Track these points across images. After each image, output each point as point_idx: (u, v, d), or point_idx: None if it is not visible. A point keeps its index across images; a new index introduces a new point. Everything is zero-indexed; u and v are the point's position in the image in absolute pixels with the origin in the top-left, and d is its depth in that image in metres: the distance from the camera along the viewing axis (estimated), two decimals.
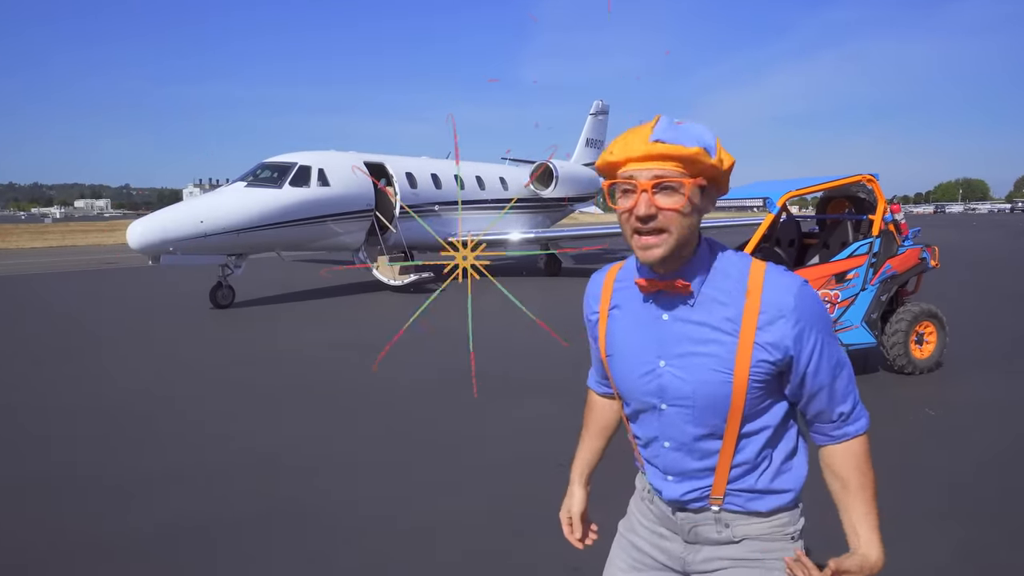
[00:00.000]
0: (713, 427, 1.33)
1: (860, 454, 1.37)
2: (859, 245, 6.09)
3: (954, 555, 3.14)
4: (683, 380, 1.32)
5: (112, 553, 3.26)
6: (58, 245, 32.44)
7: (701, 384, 1.30)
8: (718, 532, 1.40)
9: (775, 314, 1.26)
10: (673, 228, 1.24)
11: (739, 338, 1.27)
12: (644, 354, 1.36)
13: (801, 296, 1.28)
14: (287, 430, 5.11)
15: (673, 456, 1.39)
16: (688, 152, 1.21)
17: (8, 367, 7.39)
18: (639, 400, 1.40)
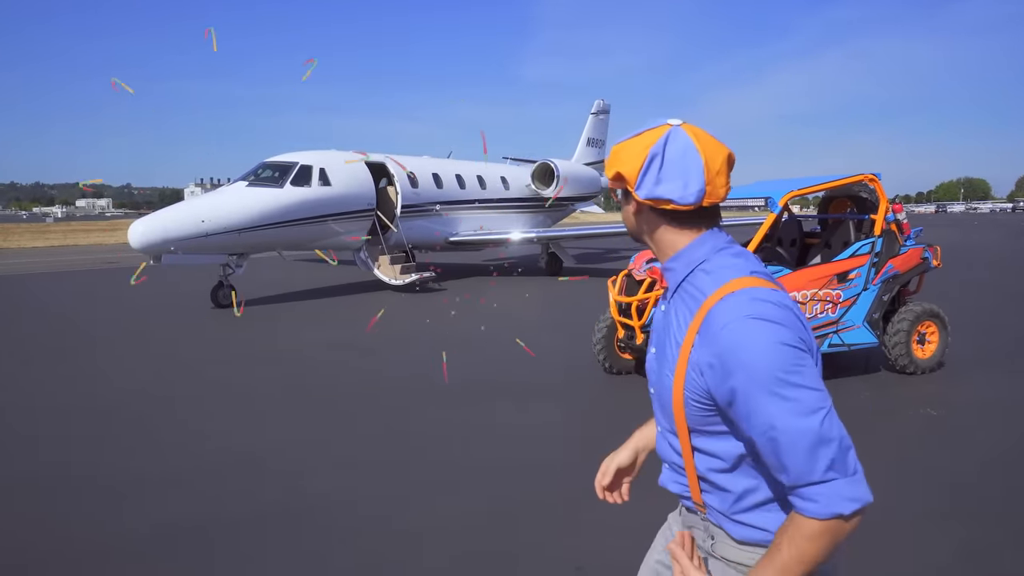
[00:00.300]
0: (671, 425, 1.33)
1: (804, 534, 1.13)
2: (861, 245, 6.08)
3: (956, 555, 3.14)
4: (653, 368, 1.39)
5: (109, 554, 3.26)
6: (60, 244, 32.47)
7: (660, 376, 1.35)
8: (703, 540, 1.37)
9: (705, 342, 1.20)
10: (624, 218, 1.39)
11: (679, 351, 1.25)
12: (652, 338, 1.45)
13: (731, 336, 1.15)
14: (286, 430, 5.10)
15: (661, 442, 1.44)
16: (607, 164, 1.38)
17: (4, 367, 7.39)
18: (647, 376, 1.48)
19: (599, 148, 24.54)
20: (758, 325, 1.15)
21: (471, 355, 7.69)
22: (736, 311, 1.17)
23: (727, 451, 1.26)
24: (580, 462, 4.42)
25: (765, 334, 1.14)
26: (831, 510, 1.11)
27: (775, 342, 1.14)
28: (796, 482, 1.13)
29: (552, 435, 4.92)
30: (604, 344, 6.39)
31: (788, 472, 1.13)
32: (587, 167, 22.03)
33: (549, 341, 8.26)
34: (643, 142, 1.28)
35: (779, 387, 1.12)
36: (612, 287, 6.17)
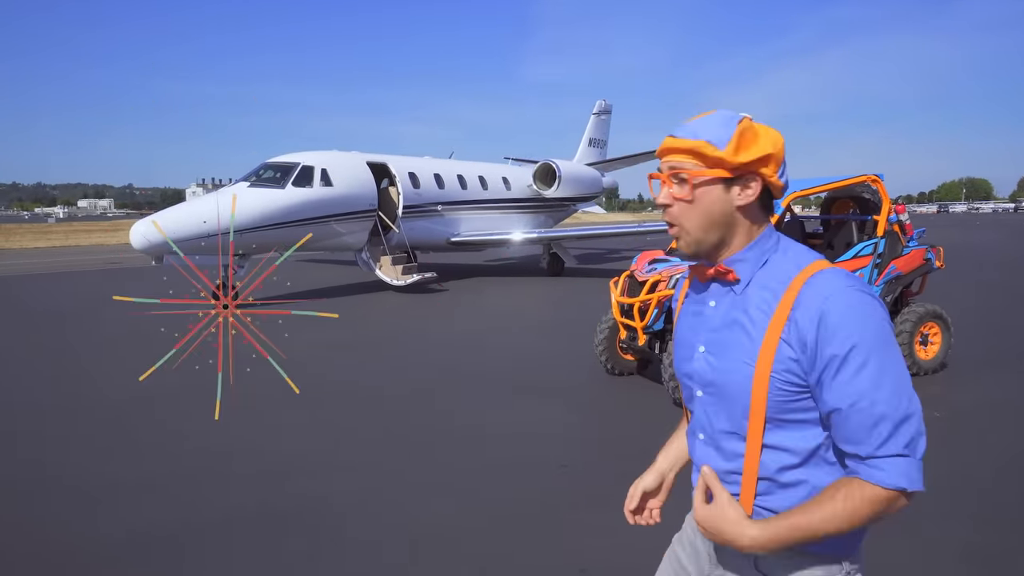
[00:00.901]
0: (736, 423, 1.28)
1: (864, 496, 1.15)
2: (864, 246, 6.07)
3: (960, 558, 3.13)
4: (712, 365, 1.31)
5: (103, 555, 3.25)
6: (61, 245, 32.50)
7: (725, 372, 1.28)
8: (743, 557, 1.29)
9: (803, 315, 1.19)
10: (683, 220, 1.30)
11: (767, 328, 1.23)
12: (691, 338, 1.38)
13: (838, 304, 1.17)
14: (284, 431, 5.10)
15: (703, 451, 1.36)
16: (690, 144, 1.27)
17: (3, 367, 7.40)
18: (683, 385, 1.43)
19: (601, 148, 24.52)
20: (863, 295, 1.19)
21: (472, 355, 7.68)
22: (836, 283, 1.20)
23: (802, 443, 1.24)
24: (582, 463, 4.43)
25: (871, 303, 1.19)
26: (897, 483, 1.14)
27: (881, 313, 1.20)
28: (873, 452, 1.15)
29: (554, 436, 4.91)
30: (606, 345, 6.38)
31: (867, 441, 1.15)
32: (588, 167, 22.01)
33: (550, 342, 8.25)
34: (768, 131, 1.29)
35: (885, 354, 1.16)
36: (614, 288, 6.16)
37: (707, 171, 1.26)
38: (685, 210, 1.29)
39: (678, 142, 1.28)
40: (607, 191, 23.87)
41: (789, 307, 1.21)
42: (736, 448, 1.29)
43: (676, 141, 1.28)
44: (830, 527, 1.16)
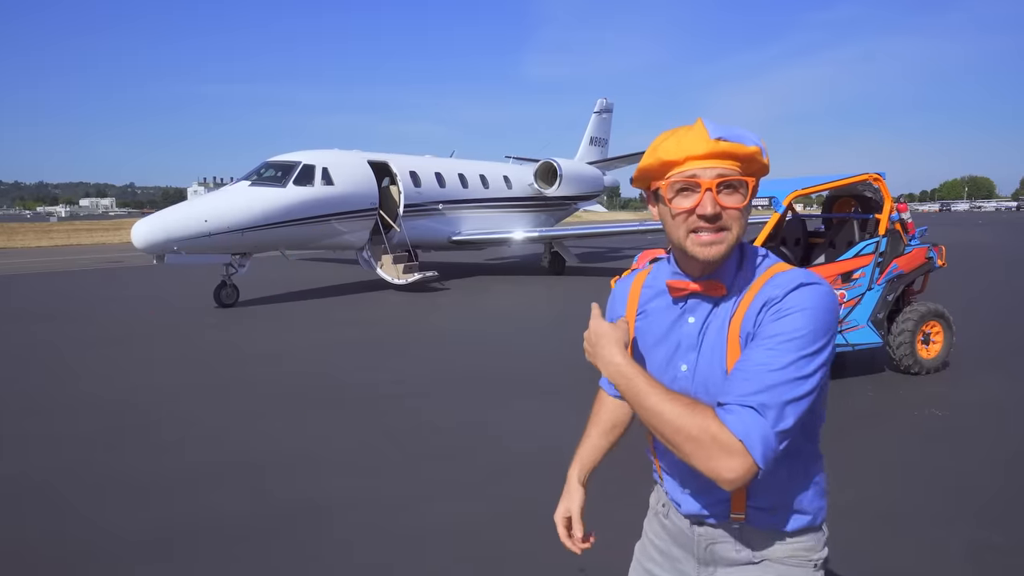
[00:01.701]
0: None
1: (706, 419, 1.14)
2: (865, 244, 6.05)
3: (962, 557, 3.11)
4: (696, 382, 1.30)
5: (101, 556, 3.25)
6: (63, 244, 32.54)
7: (710, 385, 1.27)
8: (736, 551, 1.35)
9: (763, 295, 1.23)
10: (734, 227, 1.24)
11: (728, 330, 1.26)
12: (668, 358, 1.34)
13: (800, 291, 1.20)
14: (284, 431, 5.10)
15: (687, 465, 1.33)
16: (749, 151, 1.22)
17: (3, 365, 7.41)
18: None
19: (602, 147, 24.49)
20: (823, 290, 1.21)
21: (473, 354, 7.67)
22: (802, 276, 1.23)
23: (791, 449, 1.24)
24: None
25: (828, 297, 1.21)
26: (740, 431, 1.12)
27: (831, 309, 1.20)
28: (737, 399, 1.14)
29: (554, 436, 4.90)
30: None
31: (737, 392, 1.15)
32: (590, 166, 21.99)
33: (551, 341, 8.24)
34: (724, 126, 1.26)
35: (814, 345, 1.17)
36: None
37: (752, 178, 1.25)
38: (735, 218, 1.24)
39: (736, 147, 1.21)
40: (608, 190, 23.84)
41: (749, 303, 1.24)
42: None
43: (735, 147, 1.20)
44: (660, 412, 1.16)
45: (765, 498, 1.31)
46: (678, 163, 1.23)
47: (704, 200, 1.22)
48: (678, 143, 1.23)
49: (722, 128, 1.23)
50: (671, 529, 1.46)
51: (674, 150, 1.23)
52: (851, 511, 3.48)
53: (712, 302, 1.30)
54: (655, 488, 1.56)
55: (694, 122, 1.26)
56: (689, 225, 1.24)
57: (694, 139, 1.22)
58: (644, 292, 1.43)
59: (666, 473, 1.44)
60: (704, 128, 1.22)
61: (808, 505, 1.34)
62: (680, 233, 1.26)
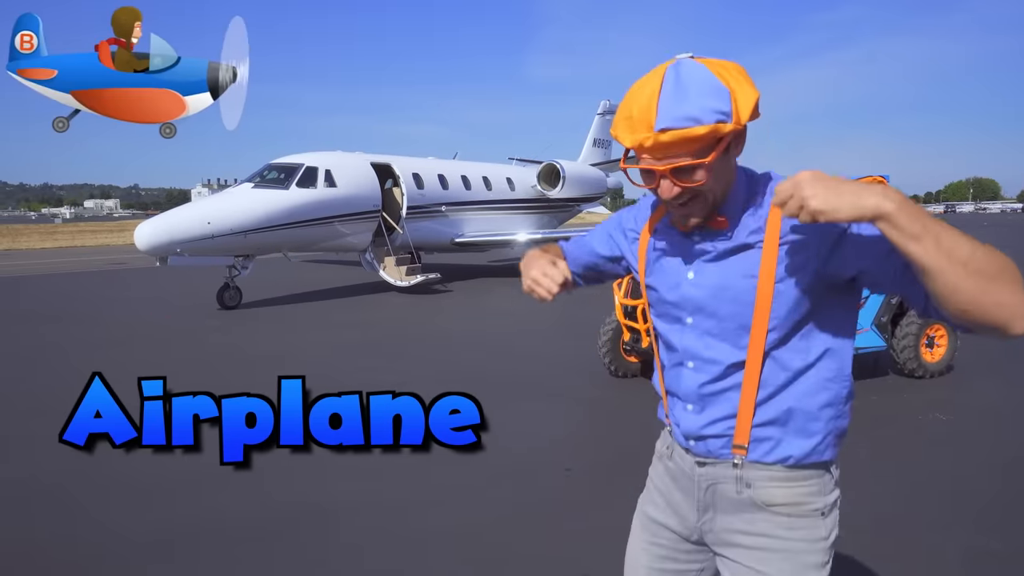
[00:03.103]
0: (735, 341, 1.29)
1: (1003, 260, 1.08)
2: None
3: (964, 563, 3.10)
4: (706, 287, 1.31)
5: (103, 558, 3.26)
6: (68, 245, 32.65)
7: (724, 289, 1.28)
8: (738, 492, 1.32)
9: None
10: (703, 192, 1.22)
11: (764, 240, 1.25)
12: (676, 267, 1.37)
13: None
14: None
15: (695, 377, 1.34)
16: (700, 132, 1.13)
17: (8, 368, 7.43)
18: (668, 313, 1.39)
19: (605, 148, 24.48)
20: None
21: (475, 356, 7.67)
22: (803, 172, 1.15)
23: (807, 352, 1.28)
24: (585, 467, 4.41)
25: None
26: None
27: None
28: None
29: (557, 439, 4.90)
30: (610, 347, 6.36)
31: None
32: (593, 168, 21.98)
33: (554, 343, 8.24)
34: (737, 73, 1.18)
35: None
36: (618, 290, 6.14)
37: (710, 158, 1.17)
38: (702, 189, 1.21)
39: (684, 134, 1.13)
40: (611, 191, 23.84)
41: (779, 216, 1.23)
42: (735, 369, 1.30)
43: (682, 133, 1.13)
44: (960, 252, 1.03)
45: (775, 414, 1.28)
46: (633, 148, 1.21)
47: (662, 185, 1.22)
48: (630, 124, 1.19)
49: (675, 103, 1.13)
50: (674, 471, 1.45)
51: (626, 135, 1.21)
52: (850, 515, 3.46)
53: (720, 233, 1.30)
54: (662, 433, 1.56)
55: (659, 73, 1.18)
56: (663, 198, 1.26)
57: (642, 124, 1.16)
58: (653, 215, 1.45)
59: (671, 394, 1.43)
60: (655, 108, 1.14)
61: (819, 428, 1.29)
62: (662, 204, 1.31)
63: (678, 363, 1.38)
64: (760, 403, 1.28)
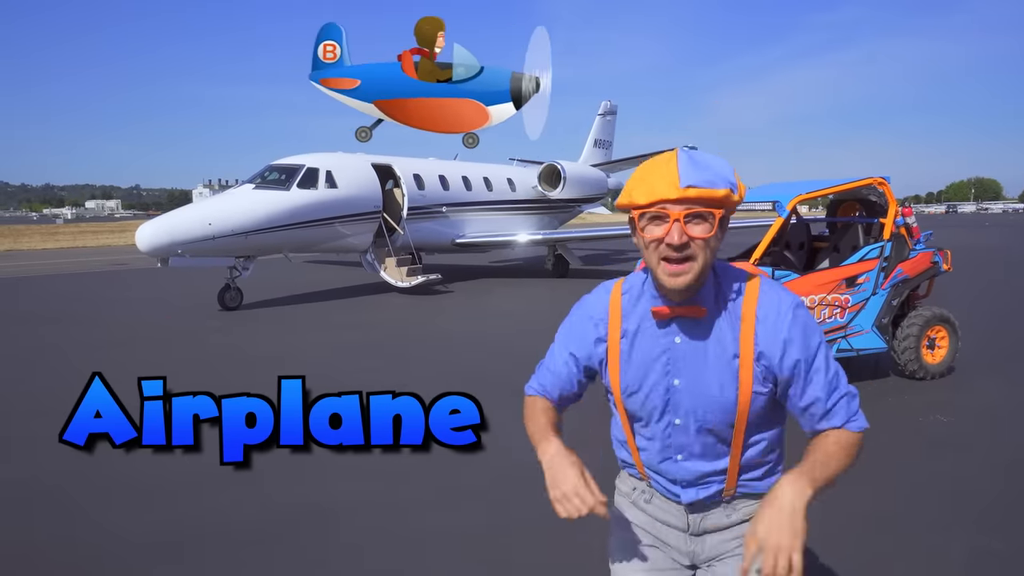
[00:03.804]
0: (721, 435, 1.47)
1: (853, 444, 1.43)
2: (870, 249, 6.03)
3: (965, 562, 3.10)
4: (695, 395, 1.44)
5: (118, 555, 3.26)
6: (70, 246, 32.69)
7: (710, 398, 1.43)
8: (727, 516, 1.54)
9: (769, 334, 1.40)
10: (700, 256, 1.34)
11: (740, 358, 1.40)
12: (660, 377, 1.46)
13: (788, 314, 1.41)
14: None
15: (686, 467, 1.51)
16: (719, 195, 1.31)
17: (10, 368, 7.44)
18: (652, 417, 1.50)
19: (606, 149, 24.48)
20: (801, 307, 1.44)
21: (475, 356, 7.67)
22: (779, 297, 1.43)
23: (772, 433, 1.52)
24: (588, 468, 4.40)
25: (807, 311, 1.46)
26: (864, 425, 1.45)
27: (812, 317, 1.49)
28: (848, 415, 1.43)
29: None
30: None
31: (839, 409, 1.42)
32: (594, 168, 21.98)
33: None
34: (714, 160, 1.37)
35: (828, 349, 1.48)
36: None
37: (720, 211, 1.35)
38: (701, 248, 1.34)
39: (706, 193, 1.30)
40: (612, 192, 23.82)
41: (752, 325, 1.40)
42: (720, 455, 1.49)
43: (704, 192, 1.30)
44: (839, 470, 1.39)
45: (755, 471, 1.52)
46: (648, 207, 1.34)
47: (672, 230, 1.31)
48: (650, 189, 1.32)
49: (694, 170, 1.31)
50: (654, 512, 1.60)
51: (646, 195, 1.33)
52: (852, 517, 3.47)
53: (696, 323, 1.42)
54: (621, 476, 1.70)
55: (672, 154, 1.35)
56: (660, 253, 1.35)
57: (666, 186, 1.31)
58: (625, 310, 1.51)
59: (656, 473, 1.57)
60: (676, 173, 1.31)
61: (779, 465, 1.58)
62: (653, 260, 1.37)
63: (666, 457, 1.53)
64: (743, 465, 1.50)
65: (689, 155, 1.35)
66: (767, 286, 1.44)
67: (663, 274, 1.36)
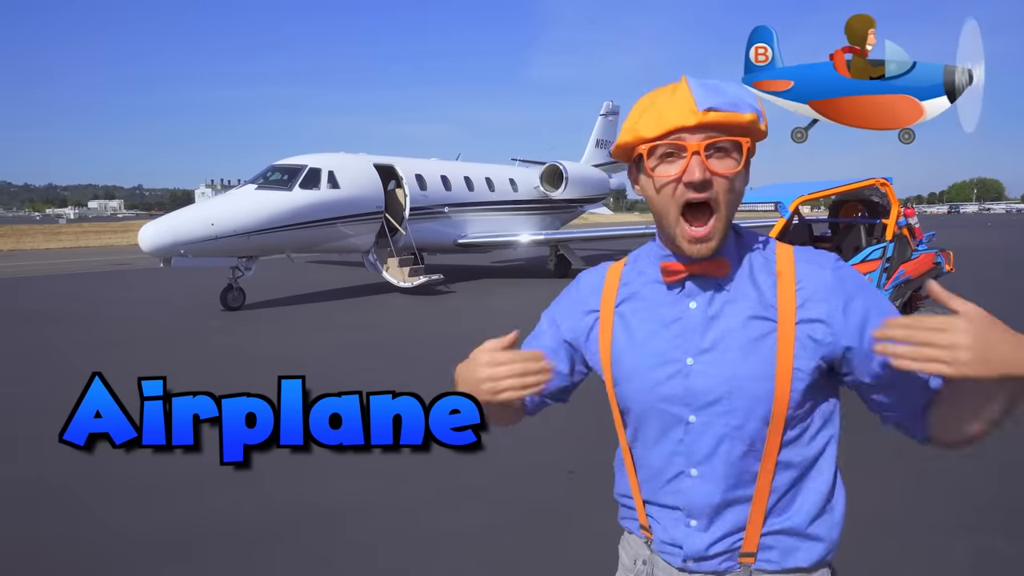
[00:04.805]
0: (752, 440, 1.11)
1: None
2: (872, 250, 6.02)
3: (970, 566, 3.09)
4: (716, 376, 1.10)
5: (123, 555, 3.26)
6: (72, 246, 32.75)
7: (738, 379, 1.09)
8: None
9: (813, 291, 1.09)
10: (723, 207, 1.07)
11: (778, 323, 1.08)
12: (668, 353, 1.13)
13: (837, 268, 1.12)
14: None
15: (702, 488, 1.13)
16: (745, 119, 1.05)
17: (14, 368, 7.45)
18: (660, 412, 1.15)
19: (608, 149, 24.46)
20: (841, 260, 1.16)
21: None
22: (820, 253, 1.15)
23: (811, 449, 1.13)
24: (590, 468, 4.40)
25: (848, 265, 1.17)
26: None
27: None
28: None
29: (560, 441, 4.89)
30: None
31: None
32: (596, 168, 21.98)
33: None
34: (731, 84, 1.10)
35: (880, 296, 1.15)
36: None
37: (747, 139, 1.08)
38: (726, 190, 1.06)
39: (730, 117, 1.03)
40: (614, 192, 23.84)
41: (792, 291, 1.09)
42: (749, 468, 1.12)
43: (728, 116, 1.03)
44: None
45: (785, 520, 1.14)
46: (660, 138, 1.07)
47: (692, 164, 1.04)
48: (659, 117, 1.05)
49: (712, 93, 1.05)
50: None
51: (655, 125, 1.06)
52: (855, 518, 3.45)
53: (715, 285, 1.12)
54: (624, 541, 1.33)
55: (678, 81, 1.09)
56: (678, 198, 1.07)
57: (679, 111, 1.04)
58: (625, 279, 1.22)
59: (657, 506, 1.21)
60: (690, 95, 1.04)
61: (824, 532, 1.17)
62: (668, 212, 1.09)
63: (676, 473, 1.16)
64: (770, 509, 1.13)
65: (701, 80, 1.08)
66: (801, 247, 1.17)
67: (682, 239, 1.08)
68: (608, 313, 1.21)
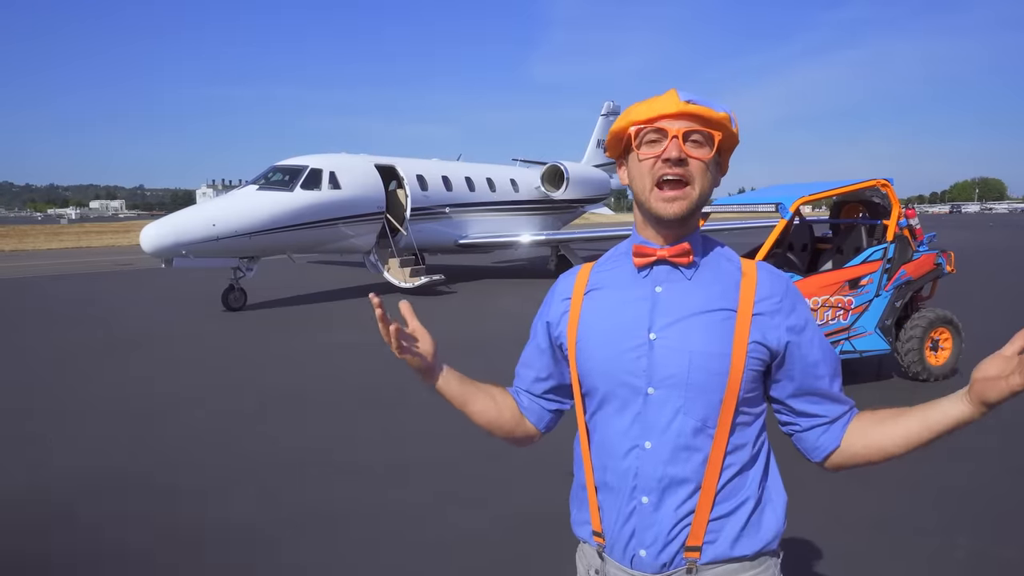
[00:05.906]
0: (705, 416, 1.21)
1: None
2: (873, 251, 6.02)
3: (968, 569, 3.09)
4: (678, 351, 1.21)
5: (117, 558, 3.27)
6: (74, 246, 32.80)
7: (697, 355, 1.20)
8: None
9: (769, 294, 1.25)
10: (697, 182, 1.23)
11: (737, 311, 1.23)
12: (631, 328, 1.25)
13: (791, 280, 1.32)
14: (287, 433, 5.11)
15: (654, 458, 1.22)
16: (718, 116, 1.23)
17: (19, 369, 7.47)
18: (620, 384, 1.24)
19: None
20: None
21: (478, 358, 7.67)
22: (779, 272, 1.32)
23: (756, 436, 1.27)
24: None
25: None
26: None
27: None
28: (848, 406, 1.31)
29: (560, 441, 4.89)
30: None
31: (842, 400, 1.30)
32: (597, 169, 21.97)
33: None
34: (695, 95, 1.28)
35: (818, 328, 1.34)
36: None
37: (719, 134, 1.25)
38: (698, 172, 1.23)
39: (705, 111, 1.22)
40: (615, 192, 23.82)
41: (753, 289, 1.25)
42: (700, 449, 1.21)
43: (703, 109, 1.22)
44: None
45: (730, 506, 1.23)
46: (648, 123, 1.24)
47: (670, 145, 1.21)
48: (648, 107, 1.25)
49: (693, 94, 1.25)
50: None
51: (644, 112, 1.25)
52: (854, 520, 3.46)
53: (680, 272, 1.27)
54: (579, 551, 1.46)
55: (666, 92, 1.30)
56: (655, 173, 1.23)
57: (665, 102, 1.24)
58: (595, 271, 1.37)
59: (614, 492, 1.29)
60: (675, 93, 1.25)
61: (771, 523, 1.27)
62: (646, 185, 1.24)
63: (631, 447, 1.24)
64: (718, 495, 1.22)
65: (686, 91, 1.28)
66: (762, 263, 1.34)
67: (657, 201, 1.22)
68: (578, 297, 1.35)
